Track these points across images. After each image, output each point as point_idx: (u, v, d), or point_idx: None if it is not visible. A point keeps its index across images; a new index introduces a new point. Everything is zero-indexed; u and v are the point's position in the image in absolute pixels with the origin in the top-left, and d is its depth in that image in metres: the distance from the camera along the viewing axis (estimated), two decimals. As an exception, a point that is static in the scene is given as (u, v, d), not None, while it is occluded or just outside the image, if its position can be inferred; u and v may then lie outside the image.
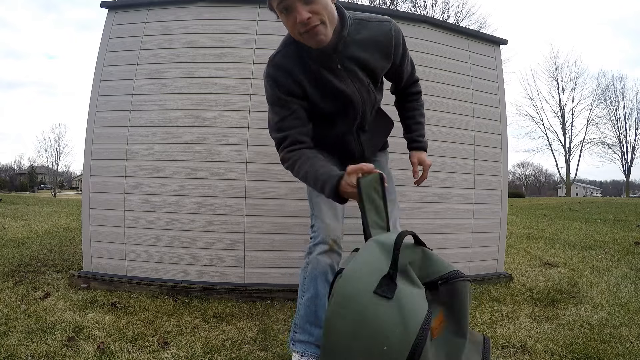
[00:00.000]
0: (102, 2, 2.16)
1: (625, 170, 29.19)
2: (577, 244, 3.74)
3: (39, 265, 2.53)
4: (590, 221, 6.08)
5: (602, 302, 1.91)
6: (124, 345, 1.38)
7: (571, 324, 1.63)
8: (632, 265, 2.78)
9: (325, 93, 1.14)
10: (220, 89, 2.08)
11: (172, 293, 1.97)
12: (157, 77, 2.09)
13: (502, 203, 2.44)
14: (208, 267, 2.04)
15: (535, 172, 65.03)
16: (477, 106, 2.38)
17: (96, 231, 2.09)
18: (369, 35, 1.12)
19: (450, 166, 2.30)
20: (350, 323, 0.74)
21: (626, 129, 28.67)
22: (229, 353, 1.37)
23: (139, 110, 2.09)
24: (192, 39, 2.10)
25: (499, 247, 2.43)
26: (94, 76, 2.14)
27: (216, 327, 1.60)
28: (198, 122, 2.06)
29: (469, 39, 2.42)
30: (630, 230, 4.86)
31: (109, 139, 2.10)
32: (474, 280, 2.28)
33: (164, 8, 2.14)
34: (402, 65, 1.23)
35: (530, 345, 1.43)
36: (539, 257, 3.11)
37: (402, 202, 2.16)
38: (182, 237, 2.04)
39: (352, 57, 1.11)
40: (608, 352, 1.35)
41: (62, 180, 51.50)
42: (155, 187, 2.06)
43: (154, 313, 1.72)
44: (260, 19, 2.11)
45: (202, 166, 2.05)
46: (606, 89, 28.64)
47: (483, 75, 2.43)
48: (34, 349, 1.30)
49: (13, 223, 4.86)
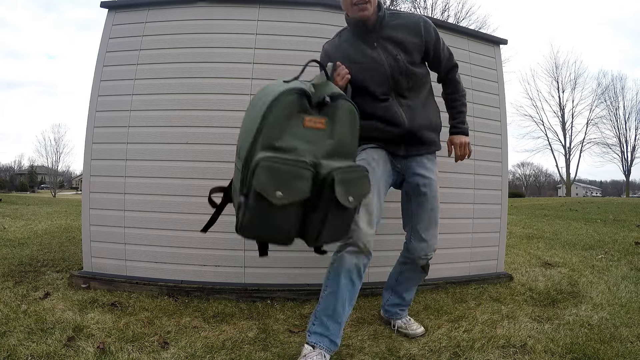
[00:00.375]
0: (102, 2, 2.16)
1: (625, 170, 29.16)
2: (577, 244, 3.74)
3: (39, 265, 2.53)
4: (590, 221, 6.08)
5: (602, 302, 1.91)
6: (124, 345, 1.38)
7: (571, 324, 1.63)
8: (632, 265, 2.78)
9: (356, 58, 1.36)
10: (220, 89, 2.07)
11: (172, 293, 1.97)
12: (157, 77, 2.09)
13: (502, 203, 2.44)
14: (208, 267, 2.04)
15: (535, 172, 65.04)
16: (477, 106, 2.38)
17: (96, 231, 2.09)
18: (400, 22, 1.38)
19: (450, 166, 2.29)
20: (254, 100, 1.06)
21: (626, 129, 28.66)
22: (229, 353, 1.37)
23: (139, 110, 2.09)
24: (192, 38, 2.10)
25: (499, 247, 2.43)
26: (94, 76, 2.14)
27: (216, 327, 1.60)
28: (198, 122, 2.06)
29: (469, 39, 2.42)
30: (630, 230, 4.86)
31: (109, 139, 2.10)
32: (474, 280, 2.28)
33: (163, 8, 2.14)
34: (437, 48, 1.42)
35: (530, 345, 1.43)
36: (539, 257, 3.11)
37: (402, 202, 2.17)
38: (182, 237, 2.04)
39: (385, 37, 1.36)
40: (608, 352, 1.35)
41: (62, 180, 51.48)
42: (155, 187, 2.06)
43: (154, 313, 1.72)
44: (260, 19, 2.11)
45: (202, 166, 2.05)
46: (606, 89, 28.61)
47: (483, 75, 2.43)
48: (34, 349, 1.30)
49: (13, 223, 4.86)
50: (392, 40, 1.36)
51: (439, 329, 1.62)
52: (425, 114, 1.42)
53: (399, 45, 1.36)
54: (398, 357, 1.37)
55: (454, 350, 1.41)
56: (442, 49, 1.45)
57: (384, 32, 1.37)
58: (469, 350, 1.40)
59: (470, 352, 1.39)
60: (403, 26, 1.38)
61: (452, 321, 1.70)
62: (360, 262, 1.29)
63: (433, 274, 2.23)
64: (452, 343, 1.47)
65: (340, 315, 1.28)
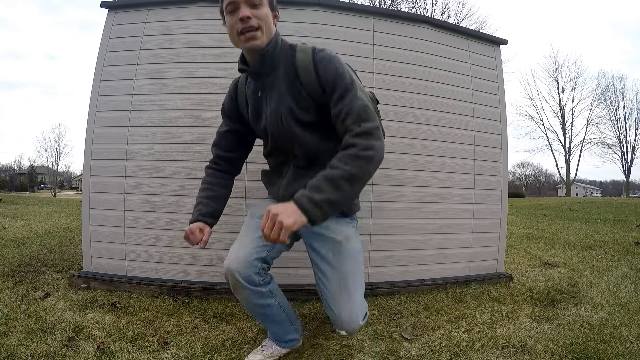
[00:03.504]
0: (102, 2, 2.16)
1: (625, 170, 29.19)
2: (577, 244, 3.74)
3: (39, 265, 2.53)
4: (590, 221, 6.08)
5: (602, 302, 1.91)
6: (124, 345, 1.38)
7: (571, 324, 1.63)
8: (632, 265, 2.78)
9: (253, 115, 1.24)
10: (220, 89, 2.07)
11: (172, 293, 1.97)
12: (157, 77, 2.09)
13: (502, 203, 2.44)
14: (208, 267, 2.04)
15: (535, 172, 65.10)
16: (477, 106, 2.38)
17: (96, 231, 2.09)
18: (295, 61, 1.13)
19: (450, 166, 2.30)
20: None
21: (626, 129, 28.70)
22: (229, 353, 1.37)
23: (139, 110, 2.09)
24: (192, 38, 2.10)
25: (499, 247, 2.43)
26: (94, 76, 2.14)
27: (216, 327, 1.60)
28: (198, 122, 2.06)
29: (469, 39, 2.42)
30: (630, 230, 4.86)
31: (109, 139, 2.10)
32: (474, 281, 2.28)
33: (163, 8, 2.14)
34: (329, 98, 1.09)
35: (530, 345, 1.43)
36: (539, 257, 3.11)
37: (402, 202, 2.18)
38: (182, 237, 2.03)
39: (274, 80, 1.16)
40: (608, 352, 1.35)
41: (62, 180, 51.49)
42: (155, 187, 2.06)
43: (154, 313, 1.72)
44: (260, 19, 2.10)
45: (202, 166, 2.02)
46: (606, 89, 28.67)
47: (483, 75, 2.43)
48: (34, 349, 1.30)
49: (13, 223, 4.86)
50: (279, 87, 1.20)
51: (439, 329, 1.61)
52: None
53: (286, 94, 1.20)
54: (398, 357, 1.37)
55: (454, 350, 1.41)
56: (336, 97, 1.13)
57: (274, 73, 1.21)
58: (469, 350, 1.40)
59: (470, 352, 1.39)
60: (294, 67, 1.16)
61: (452, 321, 1.70)
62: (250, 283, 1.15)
63: (433, 274, 2.24)
64: (452, 343, 1.47)
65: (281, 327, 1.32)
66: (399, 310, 1.85)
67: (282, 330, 1.33)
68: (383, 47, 2.19)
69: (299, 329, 1.37)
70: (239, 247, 1.18)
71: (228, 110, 1.33)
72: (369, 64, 2.16)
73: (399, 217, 2.19)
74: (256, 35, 1.09)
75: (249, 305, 1.23)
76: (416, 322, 1.69)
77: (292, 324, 1.34)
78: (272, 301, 1.24)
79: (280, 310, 1.28)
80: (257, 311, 1.25)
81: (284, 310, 1.29)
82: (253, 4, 1.09)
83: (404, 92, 2.20)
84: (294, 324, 1.35)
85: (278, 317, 1.29)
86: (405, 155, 2.20)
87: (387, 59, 2.19)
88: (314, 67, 1.10)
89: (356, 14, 2.20)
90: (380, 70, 2.17)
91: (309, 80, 1.11)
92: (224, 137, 1.34)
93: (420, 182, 2.22)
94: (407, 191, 2.20)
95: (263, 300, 1.21)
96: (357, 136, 1.00)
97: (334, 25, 2.15)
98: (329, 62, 1.09)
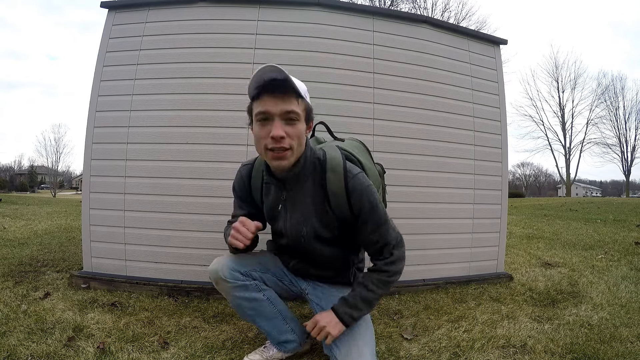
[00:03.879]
0: (102, 2, 2.16)
1: (625, 170, 29.19)
2: (577, 244, 3.74)
3: (39, 265, 2.53)
4: (590, 221, 6.08)
5: (602, 302, 1.91)
6: (124, 345, 1.38)
7: (571, 324, 1.63)
8: (632, 265, 2.78)
9: (268, 213, 1.25)
10: (220, 89, 2.08)
11: (172, 293, 1.97)
12: (157, 77, 2.09)
13: (502, 203, 2.44)
14: (208, 267, 2.04)
15: (535, 172, 65.10)
16: (477, 106, 2.38)
17: (96, 231, 2.09)
18: (325, 183, 1.11)
19: (450, 166, 2.30)
20: None
21: (626, 129, 28.71)
22: (229, 353, 1.37)
23: (139, 110, 2.09)
24: (192, 39, 2.10)
25: (499, 247, 2.43)
26: (94, 76, 2.14)
27: (216, 327, 1.60)
28: (198, 122, 2.06)
29: (469, 39, 2.42)
30: (630, 230, 4.86)
31: (109, 139, 2.10)
32: (474, 281, 2.28)
33: (164, 8, 2.14)
34: (359, 221, 1.13)
35: (530, 345, 1.43)
36: (539, 257, 3.11)
37: (402, 202, 2.17)
38: (182, 237, 2.04)
39: (298, 192, 1.15)
40: (608, 352, 1.35)
41: (62, 180, 51.49)
42: (155, 187, 2.06)
43: (154, 313, 1.72)
44: (260, 19, 2.11)
45: (202, 166, 2.05)
46: (606, 89, 28.68)
47: (483, 75, 2.43)
48: (34, 349, 1.30)
49: (13, 223, 4.86)
50: (302, 202, 1.21)
51: (439, 329, 1.61)
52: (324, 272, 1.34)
53: (309, 211, 1.22)
54: (398, 357, 1.37)
55: (454, 350, 1.41)
56: (364, 222, 1.20)
57: (298, 186, 1.21)
58: (469, 350, 1.40)
59: (470, 352, 1.39)
60: (323, 187, 1.17)
61: (452, 321, 1.70)
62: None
63: (433, 274, 2.24)
64: (452, 343, 1.47)
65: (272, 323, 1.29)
66: (399, 310, 1.85)
67: (275, 329, 1.27)
68: (383, 47, 2.19)
69: (296, 330, 1.32)
70: (229, 257, 1.23)
71: (240, 192, 1.29)
72: (369, 64, 2.16)
73: (399, 217, 2.19)
74: (286, 155, 1.03)
75: (235, 301, 1.21)
76: (416, 322, 1.69)
77: (286, 322, 1.29)
78: (260, 295, 1.22)
79: (272, 306, 1.25)
80: (245, 307, 1.21)
81: (276, 306, 1.26)
82: (289, 118, 1.01)
83: (404, 92, 2.20)
84: (289, 323, 1.29)
85: (269, 313, 1.25)
86: (405, 155, 2.20)
87: (387, 59, 2.19)
88: (346, 195, 1.10)
89: (356, 14, 2.20)
90: (380, 70, 2.17)
91: (339, 206, 1.12)
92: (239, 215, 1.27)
93: (420, 182, 2.22)
94: (407, 191, 2.20)
95: (249, 293, 1.20)
96: (391, 264, 1.14)
97: (334, 25, 2.16)
98: (362, 194, 1.09)
